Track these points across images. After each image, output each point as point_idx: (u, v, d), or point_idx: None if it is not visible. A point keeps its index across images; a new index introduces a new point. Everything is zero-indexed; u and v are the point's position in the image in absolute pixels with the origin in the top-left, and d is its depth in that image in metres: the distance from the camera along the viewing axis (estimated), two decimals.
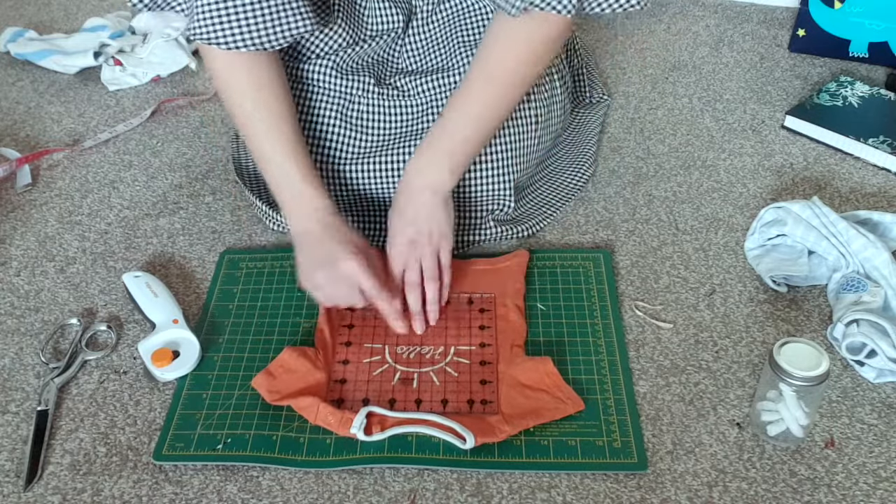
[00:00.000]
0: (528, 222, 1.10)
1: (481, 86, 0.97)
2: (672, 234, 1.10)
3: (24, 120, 1.36)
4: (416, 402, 0.88)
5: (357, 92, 1.07)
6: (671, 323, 0.97)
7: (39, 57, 1.46)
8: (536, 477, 0.81)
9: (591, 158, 1.21)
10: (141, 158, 1.26)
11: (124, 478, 0.82)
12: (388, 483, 0.81)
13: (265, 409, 0.87)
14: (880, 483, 0.81)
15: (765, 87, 1.40)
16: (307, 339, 0.95)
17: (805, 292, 1.01)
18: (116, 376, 0.93)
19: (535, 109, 1.10)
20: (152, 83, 1.44)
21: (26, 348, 0.96)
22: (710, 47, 1.51)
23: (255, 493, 0.81)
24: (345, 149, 1.07)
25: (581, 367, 0.91)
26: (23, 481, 0.82)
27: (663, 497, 0.80)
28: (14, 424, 0.88)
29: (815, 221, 1.00)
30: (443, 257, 0.98)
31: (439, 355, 0.93)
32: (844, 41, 1.44)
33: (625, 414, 0.86)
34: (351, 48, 1.06)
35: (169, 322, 0.96)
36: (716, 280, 1.03)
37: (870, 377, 0.90)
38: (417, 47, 1.08)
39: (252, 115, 0.98)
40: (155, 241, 1.11)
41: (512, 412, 0.85)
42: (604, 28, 1.58)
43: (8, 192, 1.20)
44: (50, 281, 1.05)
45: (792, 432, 0.83)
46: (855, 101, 1.30)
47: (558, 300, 0.99)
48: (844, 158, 1.23)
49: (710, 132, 1.30)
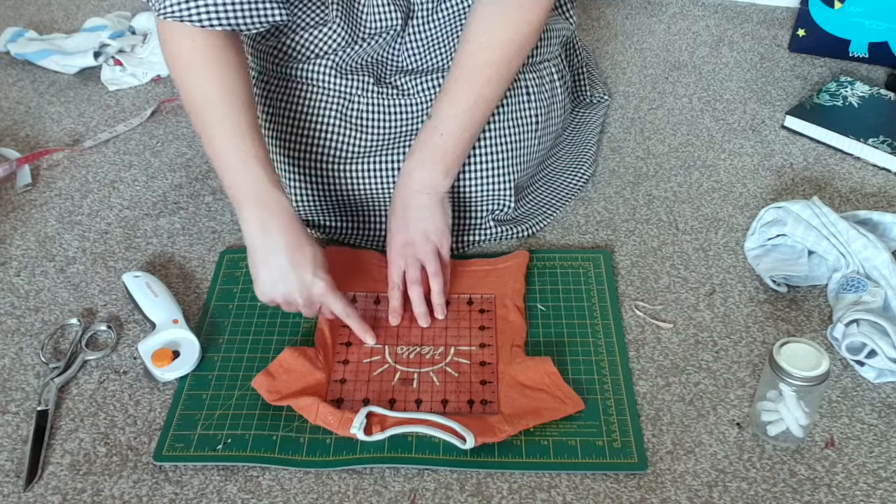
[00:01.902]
0: (528, 222, 1.10)
1: (466, 80, 0.97)
2: (672, 234, 1.10)
3: (24, 120, 1.36)
4: (416, 403, 0.88)
5: (356, 91, 1.07)
6: (671, 323, 0.97)
7: (39, 57, 1.46)
8: (536, 477, 0.81)
9: (591, 158, 1.21)
10: (141, 158, 1.26)
11: (124, 478, 0.82)
12: (388, 483, 0.81)
13: (265, 409, 0.87)
14: (880, 483, 0.81)
15: (765, 87, 1.40)
16: (307, 339, 0.95)
17: (805, 292, 1.01)
18: (116, 376, 0.93)
19: (536, 110, 1.10)
20: (152, 83, 1.44)
21: (26, 348, 0.96)
22: (710, 47, 1.51)
23: (255, 493, 0.81)
24: (345, 148, 1.07)
25: (581, 367, 0.91)
26: (23, 481, 0.82)
27: (663, 497, 0.80)
28: (14, 424, 0.88)
29: (815, 221, 1.00)
30: (443, 254, 0.99)
31: (439, 356, 0.93)
32: (844, 41, 1.44)
33: (625, 414, 0.86)
34: (350, 47, 1.06)
35: (169, 322, 0.96)
36: (716, 280, 1.03)
37: (870, 377, 0.90)
38: (416, 47, 1.08)
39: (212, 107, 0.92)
40: (155, 241, 1.11)
41: (512, 412, 0.85)
42: (604, 28, 1.58)
43: (8, 192, 1.20)
44: (50, 281, 1.05)
45: (792, 432, 0.83)
46: (855, 101, 1.30)
47: (558, 300, 0.99)
48: (844, 158, 1.23)
49: (710, 132, 1.30)
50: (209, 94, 0.92)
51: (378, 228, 1.08)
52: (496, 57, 0.97)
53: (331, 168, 1.08)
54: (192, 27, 0.90)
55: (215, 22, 0.90)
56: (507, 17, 0.96)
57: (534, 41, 1.00)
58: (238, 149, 0.92)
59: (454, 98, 0.98)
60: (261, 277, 0.91)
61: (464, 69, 0.98)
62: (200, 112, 0.93)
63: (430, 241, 0.97)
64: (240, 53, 0.95)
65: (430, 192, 0.98)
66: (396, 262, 0.97)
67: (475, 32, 0.97)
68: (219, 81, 0.92)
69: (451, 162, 0.99)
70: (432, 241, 0.98)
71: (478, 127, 1.01)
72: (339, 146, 1.07)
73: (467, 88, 0.98)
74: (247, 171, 0.92)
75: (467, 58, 0.97)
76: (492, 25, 0.96)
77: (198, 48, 0.91)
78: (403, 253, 0.97)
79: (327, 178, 1.08)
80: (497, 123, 1.06)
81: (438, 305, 0.97)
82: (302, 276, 0.90)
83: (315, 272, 0.91)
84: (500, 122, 1.07)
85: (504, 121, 1.07)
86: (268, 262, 0.91)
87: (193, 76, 0.92)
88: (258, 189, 0.92)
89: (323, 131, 1.07)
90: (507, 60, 0.98)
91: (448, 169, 0.99)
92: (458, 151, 0.99)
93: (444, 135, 0.98)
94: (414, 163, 0.99)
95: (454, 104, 0.98)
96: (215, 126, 0.92)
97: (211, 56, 0.92)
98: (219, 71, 0.92)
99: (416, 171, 0.99)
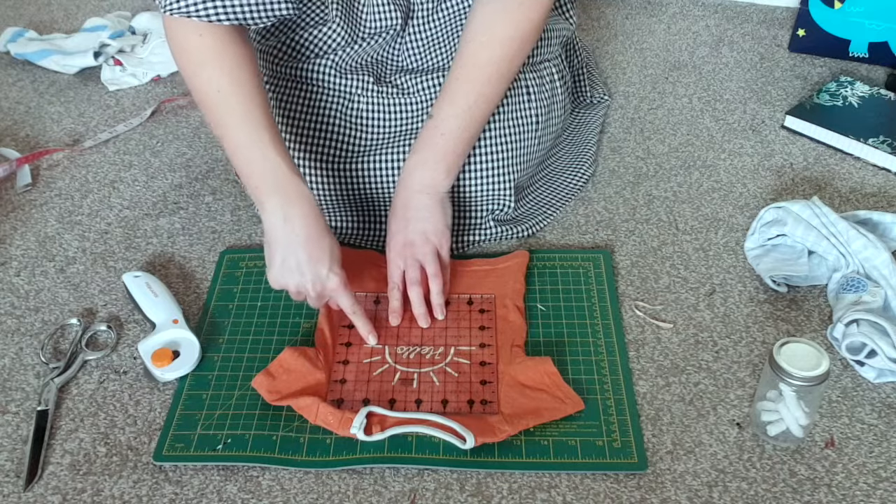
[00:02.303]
0: (528, 222, 1.10)
1: (466, 79, 0.97)
2: (672, 234, 1.10)
3: (24, 120, 1.36)
4: (416, 403, 0.88)
5: (356, 90, 1.07)
6: (671, 323, 0.97)
7: (39, 57, 1.46)
8: (536, 477, 0.81)
9: (591, 158, 1.21)
10: (141, 158, 1.26)
11: (124, 478, 0.82)
12: (388, 483, 0.81)
13: (265, 409, 0.87)
14: (880, 483, 0.81)
15: (765, 87, 1.40)
16: (307, 339, 0.95)
17: (805, 292, 1.01)
18: (116, 376, 0.93)
19: (536, 109, 1.10)
20: (152, 83, 1.44)
21: (26, 348, 0.96)
22: (710, 47, 1.51)
23: (255, 493, 0.81)
24: (345, 147, 1.07)
25: (581, 367, 0.91)
26: (23, 481, 0.82)
27: (663, 497, 0.79)
28: (14, 424, 0.88)
29: (815, 221, 1.00)
30: (443, 255, 0.98)
31: (439, 356, 0.93)
32: (844, 41, 1.44)
33: (625, 414, 0.86)
34: (349, 47, 1.06)
35: (169, 322, 0.96)
36: (716, 280, 1.03)
37: (870, 377, 0.90)
38: (416, 46, 1.08)
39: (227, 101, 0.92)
40: (155, 241, 1.11)
41: (512, 412, 0.85)
42: (604, 28, 1.58)
43: (8, 192, 1.20)
44: (50, 281, 1.05)
45: (792, 432, 0.83)
46: (855, 101, 1.30)
47: (558, 300, 0.99)
48: (844, 158, 1.23)
49: (710, 132, 1.30)
50: (222, 87, 0.91)
51: (378, 228, 1.08)
52: (497, 55, 0.97)
53: (331, 167, 1.08)
54: (200, 22, 0.89)
55: (223, 17, 0.89)
56: (507, 15, 0.96)
57: (535, 39, 1.00)
58: (256, 141, 0.92)
59: (454, 98, 0.98)
60: (276, 264, 0.92)
61: (464, 68, 0.98)
62: (214, 107, 0.93)
63: (429, 241, 0.97)
64: (248, 46, 0.95)
65: (430, 192, 0.98)
66: (396, 262, 0.97)
67: (475, 32, 0.97)
68: (230, 75, 0.92)
69: (451, 162, 0.99)
70: (432, 241, 0.97)
71: (478, 126, 1.01)
72: (339, 145, 1.07)
73: (468, 87, 0.98)
74: (265, 161, 0.92)
75: (468, 57, 0.97)
76: (492, 24, 0.96)
77: (206, 43, 0.91)
78: (403, 253, 0.97)
79: (327, 177, 1.08)
80: (497, 123, 1.06)
81: (438, 306, 0.97)
82: (318, 270, 0.91)
83: (331, 267, 0.91)
84: (500, 121, 1.07)
85: (504, 120, 1.07)
86: (286, 251, 0.91)
87: (204, 70, 0.92)
88: (278, 179, 0.92)
89: (323, 130, 1.07)
90: (508, 59, 0.98)
91: (449, 168, 0.99)
92: (458, 151, 0.99)
93: (445, 134, 0.98)
94: (414, 162, 0.99)
95: (455, 104, 0.98)
96: (231, 119, 0.92)
97: (220, 50, 0.92)
98: (229, 65, 0.92)
99: (417, 170, 0.99)
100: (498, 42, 0.97)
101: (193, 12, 0.89)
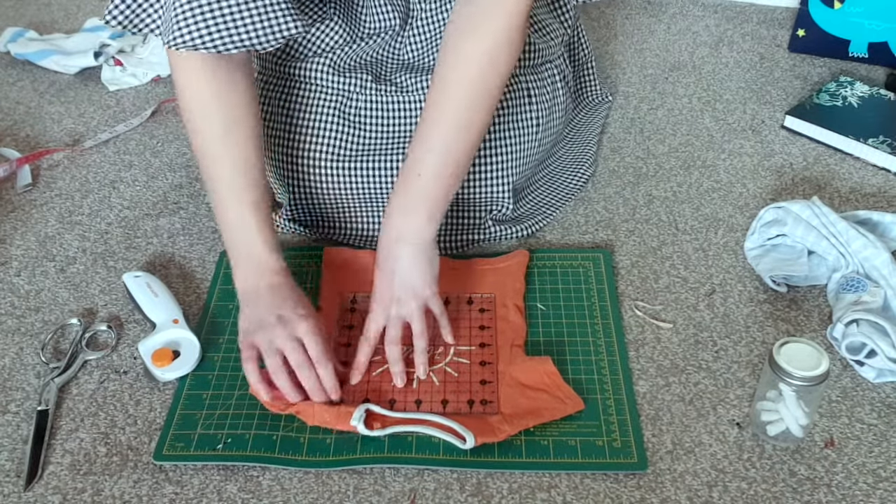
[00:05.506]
0: (527, 222, 1.10)
1: (442, 112, 0.89)
2: (672, 234, 1.10)
3: (24, 120, 1.36)
4: (416, 403, 0.88)
5: (355, 89, 1.07)
6: (671, 323, 0.97)
7: (39, 57, 1.46)
8: (536, 477, 0.81)
9: (591, 158, 1.21)
10: (141, 158, 1.26)
11: (124, 478, 0.82)
12: (388, 483, 0.81)
13: (265, 409, 0.87)
14: (880, 483, 0.81)
15: (765, 87, 1.40)
16: None
17: (805, 292, 1.01)
18: (117, 376, 0.93)
19: (537, 112, 1.10)
20: (152, 83, 1.44)
21: (26, 348, 0.96)
22: (710, 47, 1.51)
23: (255, 493, 0.81)
24: (343, 146, 1.07)
25: (581, 367, 0.91)
26: (23, 481, 0.82)
27: (663, 497, 0.80)
28: (14, 424, 0.88)
29: (815, 221, 1.00)
30: (434, 308, 0.92)
31: (439, 355, 0.93)
32: (844, 41, 1.44)
33: (625, 414, 0.86)
34: (348, 46, 1.06)
35: (169, 322, 0.96)
36: (716, 280, 1.03)
37: (870, 377, 0.90)
38: (416, 47, 1.08)
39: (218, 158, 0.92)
40: (155, 241, 1.11)
41: (512, 412, 0.85)
42: (604, 28, 1.58)
43: (8, 192, 1.20)
44: (50, 281, 1.05)
45: (792, 432, 0.83)
46: (855, 102, 1.30)
47: (558, 300, 0.99)
48: (844, 158, 1.23)
49: (710, 132, 1.30)
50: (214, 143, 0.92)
51: (375, 229, 1.08)
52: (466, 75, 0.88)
53: (329, 167, 1.07)
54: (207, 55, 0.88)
55: (230, 46, 0.87)
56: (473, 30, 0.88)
57: (516, 50, 0.90)
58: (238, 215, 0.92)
59: (431, 134, 0.90)
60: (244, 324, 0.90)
61: (433, 95, 0.90)
62: (204, 161, 0.93)
63: (417, 296, 0.90)
64: (248, 66, 0.94)
65: (413, 242, 0.90)
66: (376, 318, 0.90)
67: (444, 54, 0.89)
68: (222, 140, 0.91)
69: (433, 206, 0.90)
70: (420, 296, 0.90)
71: (461, 163, 0.91)
72: (337, 144, 1.07)
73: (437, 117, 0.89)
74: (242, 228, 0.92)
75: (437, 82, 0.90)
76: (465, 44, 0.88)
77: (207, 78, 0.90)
78: (388, 311, 0.90)
79: (326, 176, 1.08)
80: (497, 125, 1.06)
81: (420, 365, 0.90)
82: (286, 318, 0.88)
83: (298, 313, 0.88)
84: (500, 123, 1.07)
85: (504, 122, 1.07)
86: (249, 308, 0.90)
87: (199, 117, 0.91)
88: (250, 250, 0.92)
89: (321, 130, 1.07)
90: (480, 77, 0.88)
91: (431, 214, 0.90)
92: (440, 194, 0.90)
93: (422, 175, 0.90)
94: (392, 208, 0.91)
95: (431, 140, 0.90)
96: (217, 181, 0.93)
97: (220, 90, 0.91)
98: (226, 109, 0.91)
99: (396, 216, 0.91)
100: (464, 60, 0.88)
101: (200, 45, 0.86)
